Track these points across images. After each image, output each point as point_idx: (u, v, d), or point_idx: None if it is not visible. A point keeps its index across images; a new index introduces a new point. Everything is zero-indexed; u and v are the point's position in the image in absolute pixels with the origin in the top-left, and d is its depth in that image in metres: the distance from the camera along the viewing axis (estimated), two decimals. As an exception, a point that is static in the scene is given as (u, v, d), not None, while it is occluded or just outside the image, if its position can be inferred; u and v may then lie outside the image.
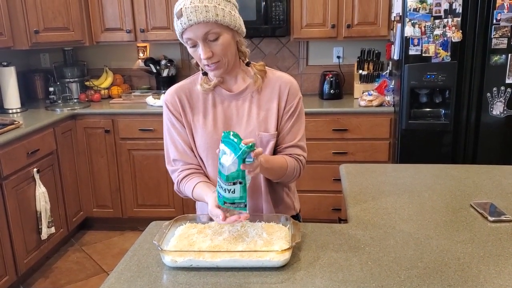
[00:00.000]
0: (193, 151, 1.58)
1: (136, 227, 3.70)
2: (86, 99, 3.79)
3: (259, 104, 1.55)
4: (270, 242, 1.31)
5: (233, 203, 1.29)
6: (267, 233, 1.35)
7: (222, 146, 1.28)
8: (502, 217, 1.52)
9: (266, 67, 1.58)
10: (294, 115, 1.55)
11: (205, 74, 1.56)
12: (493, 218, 1.51)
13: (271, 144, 1.54)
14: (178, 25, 1.39)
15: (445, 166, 2.08)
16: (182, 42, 1.45)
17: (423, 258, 1.28)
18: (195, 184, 1.52)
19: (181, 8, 1.36)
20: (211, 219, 1.45)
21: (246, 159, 1.24)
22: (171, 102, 1.58)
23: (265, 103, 1.55)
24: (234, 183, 1.26)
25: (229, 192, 1.27)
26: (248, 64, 1.56)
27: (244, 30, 1.49)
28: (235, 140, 1.24)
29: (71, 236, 3.57)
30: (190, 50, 1.45)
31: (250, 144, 1.23)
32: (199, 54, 1.42)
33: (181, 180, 1.57)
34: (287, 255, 1.24)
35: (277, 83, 1.55)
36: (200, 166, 1.60)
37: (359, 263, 1.26)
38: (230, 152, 1.24)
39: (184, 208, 3.55)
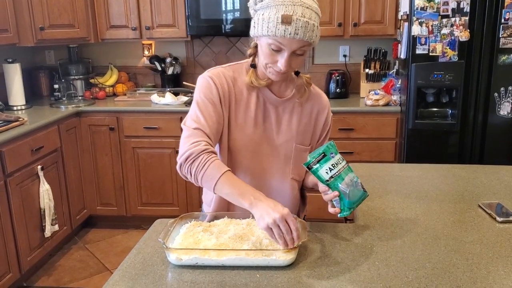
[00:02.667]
0: (218, 130, 1.46)
1: (139, 226, 3.69)
2: (91, 97, 3.79)
3: (300, 116, 1.55)
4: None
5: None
6: (273, 232, 1.33)
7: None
8: (511, 218, 1.50)
9: None
10: (329, 132, 1.63)
11: (253, 66, 1.50)
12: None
13: (303, 156, 1.51)
14: (279, 30, 1.30)
15: (453, 166, 2.07)
16: (262, 39, 1.36)
17: (431, 258, 1.26)
18: (222, 174, 1.33)
19: (291, 16, 1.30)
20: (216, 218, 1.44)
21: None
22: (219, 82, 1.46)
23: (304, 116, 1.56)
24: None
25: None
26: (297, 74, 1.56)
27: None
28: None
29: (74, 234, 3.56)
30: (268, 51, 1.36)
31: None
32: (278, 60, 1.36)
33: (206, 152, 1.35)
34: (293, 254, 1.23)
35: (318, 99, 1.59)
36: (211, 141, 1.44)
37: (366, 263, 1.25)
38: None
39: (188, 207, 3.54)
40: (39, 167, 2.93)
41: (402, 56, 3.11)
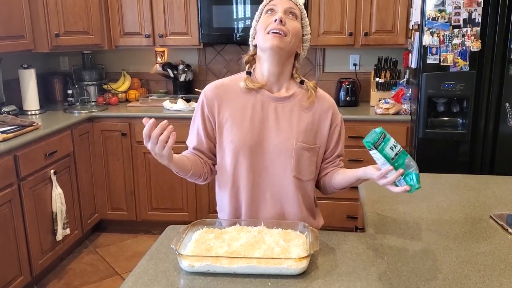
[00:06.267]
0: (212, 143, 1.64)
1: (149, 231, 3.71)
2: (104, 102, 3.83)
3: (300, 115, 1.59)
4: (288, 249, 1.30)
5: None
6: (284, 240, 1.35)
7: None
8: (523, 230, 1.50)
9: None
10: (341, 133, 1.66)
11: (248, 73, 1.61)
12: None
13: (305, 155, 1.57)
14: None
15: (464, 176, 2.06)
16: (258, 15, 1.58)
17: (442, 269, 1.27)
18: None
19: None
20: (228, 225, 1.47)
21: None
22: (209, 97, 1.62)
23: (306, 116, 1.59)
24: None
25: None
26: (302, 82, 1.62)
27: (306, 52, 1.66)
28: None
29: (85, 238, 3.60)
30: (263, 17, 1.55)
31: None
32: (273, 19, 1.51)
33: None
34: (305, 263, 1.24)
35: (320, 101, 1.63)
36: (207, 158, 1.65)
37: (377, 272, 1.25)
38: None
39: (198, 212, 3.56)
40: (52, 171, 2.97)
41: (413, 65, 3.12)
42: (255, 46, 1.60)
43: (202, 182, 1.66)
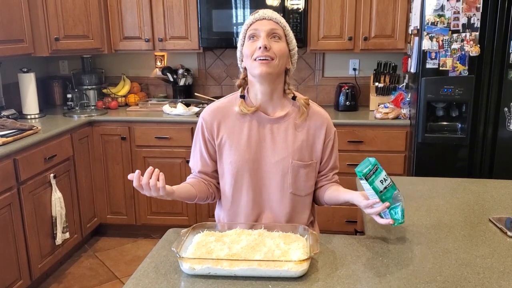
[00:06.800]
0: (214, 163, 1.69)
1: (149, 235, 3.71)
2: (103, 106, 3.84)
3: (295, 133, 1.62)
4: (288, 252, 1.31)
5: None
6: (284, 243, 1.35)
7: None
8: (522, 233, 1.50)
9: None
10: (334, 146, 1.70)
11: (242, 97, 1.63)
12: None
13: (302, 172, 1.62)
14: (249, 18, 1.57)
15: (463, 180, 2.07)
16: (242, 40, 1.59)
17: (442, 271, 1.27)
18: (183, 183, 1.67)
19: (258, 12, 1.57)
20: (229, 228, 1.47)
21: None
22: (207, 120, 1.66)
23: (301, 134, 1.62)
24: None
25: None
26: (294, 98, 1.64)
27: (295, 65, 1.66)
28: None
29: (84, 242, 3.59)
30: (247, 43, 1.56)
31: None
32: (256, 46, 1.52)
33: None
34: (305, 266, 1.24)
35: (314, 117, 1.65)
36: (211, 179, 1.70)
37: (377, 275, 1.26)
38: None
39: (197, 217, 3.56)
40: (51, 175, 2.97)
41: (412, 70, 3.13)
42: (245, 68, 1.61)
43: (212, 201, 1.74)
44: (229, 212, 1.68)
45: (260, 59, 1.51)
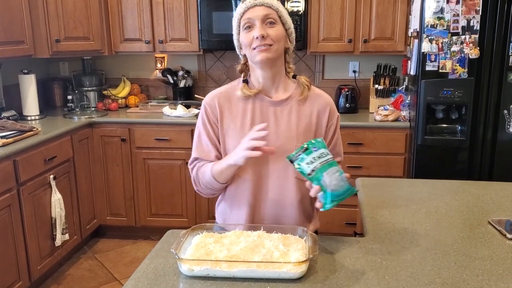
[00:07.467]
0: (218, 151, 1.64)
1: (148, 236, 3.71)
2: (104, 108, 3.84)
3: (298, 116, 1.61)
4: (287, 254, 1.31)
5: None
6: (283, 245, 1.35)
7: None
8: (521, 235, 1.50)
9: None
10: (336, 131, 1.67)
11: (245, 81, 1.63)
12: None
13: None
14: (240, 7, 1.55)
15: (462, 182, 2.07)
16: (237, 29, 1.59)
17: (441, 274, 1.27)
18: (212, 164, 1.59)
19: None
20: (228, 229, 1.47)
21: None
22: (210, 105, 1.64)
23: (304, 116, 1.61)
24: None
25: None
26: (294, 77, 1.64)
27: (294, 42, 1.62)
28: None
29: (84, 243, 3.59)
30: (243, 33, 1.55)
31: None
32: (253, 35, 1.51)
33: (198, 169, 1.63)
34: (304, 267, 1.24)
35: (318, 99, 1.64)
36: None
37: (376, 277, 1.26)
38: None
39: (197, 218, 3.56)
40: (51, 176, 2.97)
41: (412, 72, 3.13)
42: (245, 55, 1.61)
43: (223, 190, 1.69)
44: (232, 200, 1.65)
45: (259, 48, 1.51)
